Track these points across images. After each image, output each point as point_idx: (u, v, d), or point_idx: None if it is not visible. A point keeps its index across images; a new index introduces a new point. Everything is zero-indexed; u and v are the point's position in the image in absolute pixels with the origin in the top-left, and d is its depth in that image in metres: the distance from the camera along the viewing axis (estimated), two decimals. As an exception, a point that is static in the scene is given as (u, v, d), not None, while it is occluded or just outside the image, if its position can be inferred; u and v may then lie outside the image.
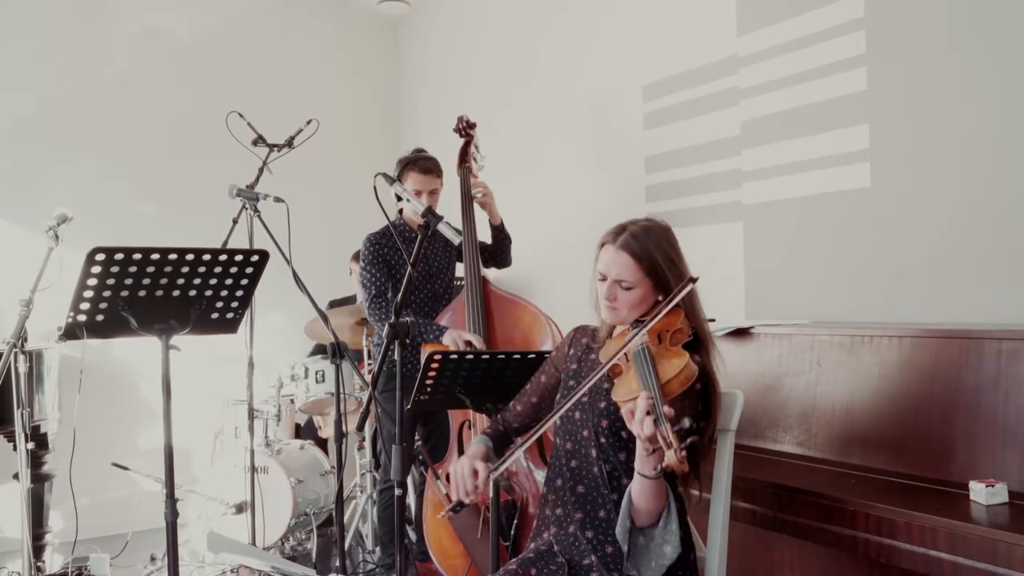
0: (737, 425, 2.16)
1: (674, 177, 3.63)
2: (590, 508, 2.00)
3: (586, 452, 2.02)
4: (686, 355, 1.83)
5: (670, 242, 1.99)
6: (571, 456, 2.06)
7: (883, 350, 2.38)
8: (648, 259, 1.93)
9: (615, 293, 1.96)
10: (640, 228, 1.97)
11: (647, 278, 1.94)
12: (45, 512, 4.02)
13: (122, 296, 2.46)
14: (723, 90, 3.37)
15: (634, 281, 1.94)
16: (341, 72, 5.67)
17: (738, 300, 3.33)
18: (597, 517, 1.99)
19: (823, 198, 3.01)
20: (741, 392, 2.17)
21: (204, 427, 4.78)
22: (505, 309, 3.48)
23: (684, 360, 1.81)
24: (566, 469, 2.06)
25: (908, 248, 2.76)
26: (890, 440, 2.29)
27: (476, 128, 3.56)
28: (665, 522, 1.80)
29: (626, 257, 1.94)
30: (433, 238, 3.54)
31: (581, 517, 2.00)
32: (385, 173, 2.31)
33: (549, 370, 2.24)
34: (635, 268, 1.93)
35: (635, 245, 1.93)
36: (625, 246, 1.94)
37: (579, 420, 2.05)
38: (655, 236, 1.96)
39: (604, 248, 2.00)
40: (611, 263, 1.96)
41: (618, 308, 1.97)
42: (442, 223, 2.19)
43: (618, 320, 2.02)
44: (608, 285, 1.97)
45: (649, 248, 1.93)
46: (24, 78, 4.58)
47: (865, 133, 2.84)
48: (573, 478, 2.04)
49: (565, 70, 4.28)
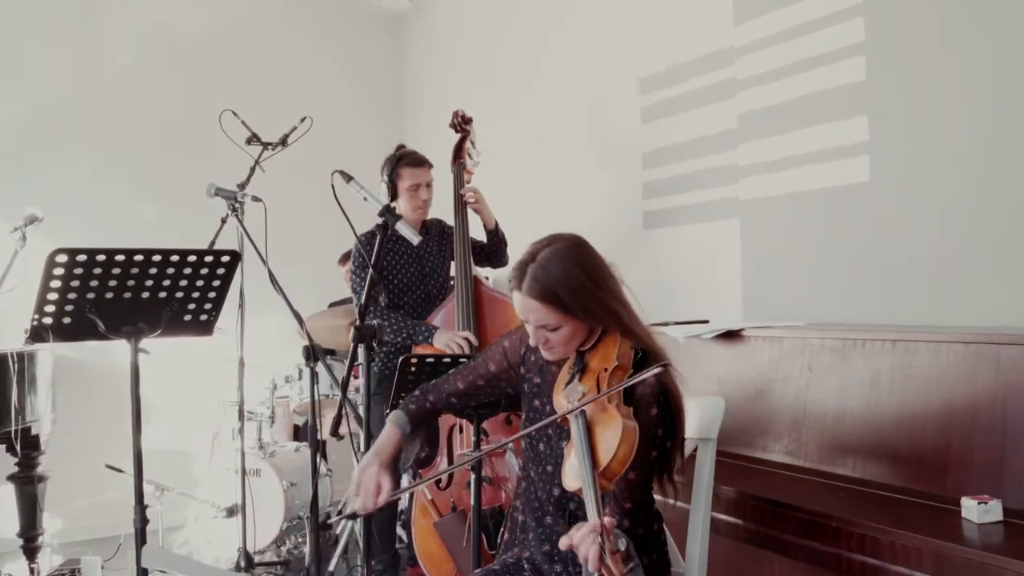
0: (718, 434, 2.04)
1: (671, 173, 3.50)
2: (555, 540, 1.83)
3: (551, 488, 1.88)
4: (620, 420, 1.61)
5: (581, 264, 1.75)
6: (536, 485, 1.94)
7: (876, 355, 2.25)
8: (557, 298, 1.71)
9: (543, 336, 1.77)
10: (540, 265, 1.73)
11: (566, 315, 1.73)
12: (38, 514, 3.98)
13: (88, 298, 2.40)
14: (720, 82, 3.24)
15: (555, 322, 1.74)
16: (343, 70, 5.60)
17: (735, 300, 3.20)
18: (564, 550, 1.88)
19: (821, 193, 2.87)
20: (722, 399, 2.05)
21: (204, 429, 4.73)
22: (496, 309, 3.39)
23: (618, 432, 1.59)
24: (534, 497, 1.94)
25: (907, 246, 2.62)
26: (882, 451, 2.16)
27: (472, 123, 3.46)
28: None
29: (534, 303, 1.73)
30: (426, 236, 3.45)
31: (549, 549, 1.89)
32: (342, 171, 2.22)
33: (500, 360, 2.03)
34: (548, 311, 1.73)
35: (538, 289, 1.72)
36: (530, 291, 1.73)
37: (543, 453, 1.91)
38: (560, 267, 1.72)
39: (513, 294, 1.80)
40: (524, 310, 1.77)
41: (553, 348, 1.79)
42: (400, 223, 2.09)
43: (559, 358, 1.85)
44: (534, 331, 1.78)
45: (554, 287, 1.71)
46: (21, 77, 4.55)
47: (864, 125, 2.70)
48: (541, 508, 1.93)
49: (564, 66, 4.17)
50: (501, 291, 3.51)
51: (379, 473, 1.88)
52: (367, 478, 1.87)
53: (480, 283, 3.37)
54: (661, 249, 3.57)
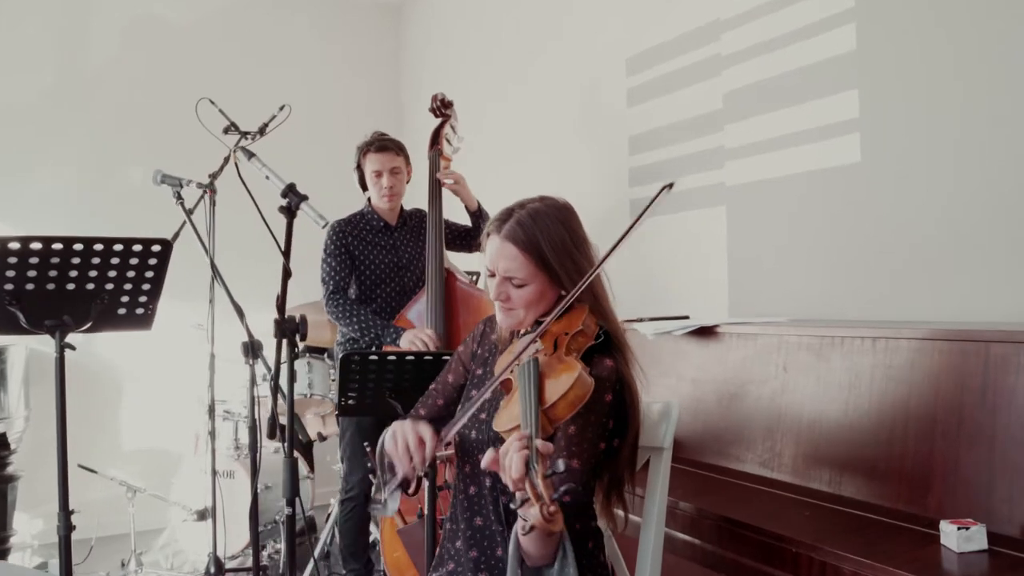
0: (672, 443, 1.81)
1: (657, 158, 3.26)
2: (487, 545, 1.68)
3: (483, 479, 1.69)
4: (578, 367, 1.47)
5: (567, 225, 1.65)
6: (469, 482, 1.74)
7: (855, 354, 1.99)
8: (538, 250, 1.60)
9: (506, 291, 1.65)
10: (528, 213, 1.63)
11: (540, 271, 1.62)
12: (10, 514, 3.87)
13: (6, 290, 2.25)
14: (705, 59, 2.99)
15: (525, 276, 1.62)
16: (340, 59, 5.41)
17: (721, 294, 2.95)
18: (494, 556, 1.67)
19: (810, 176, 2.61)
20: (675, 402, 1.82)
21: (186, 429, 4.59)
22: (470, 304, 3.19)
23: (574, 374, 1.45)
24: (463, 497, 1.74)
25: (901, 232, 2.36)
26: (859, 464, 1.90)
27: (453, 108, 3.27)
28: (561, 564, 1.48)
29: (512, 249, 1.61)
30: (403, 227, 3.27)
31: (476, 556, 1.68)
32: (244, 147, 2.04)
33: (456, 368, 1.90)
34: (524, 261, 1.61)
35: (521, 234, 1.61)
36: (510, 235, 1.62)
37: (475, 441, 1.72)
38: (547, 221, 1.63)
39: (489, 239, 1.67)
40: (497, 257, 1.64)
41: (513, 308, 1.66)
42: (306, 204, 1.89)
43: (516, 323, 1.69)
44: (497, 283, 1.65)
45: (538, 236, 1.61)
46: (3, 66, 4.45)
47: (854, 99, 2.44)
48: (471, 508, 1.72)
49: (554, 50, 3.95)
50: (475, 286, 3.31)
51: (416, 425, 1.60)
52: (405, 431, 1.59)
53: (453, 276, 3.17)
54: (647, 240, 3.33)
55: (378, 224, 3.24)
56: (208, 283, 3.44)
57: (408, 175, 3.25)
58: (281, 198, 1.88)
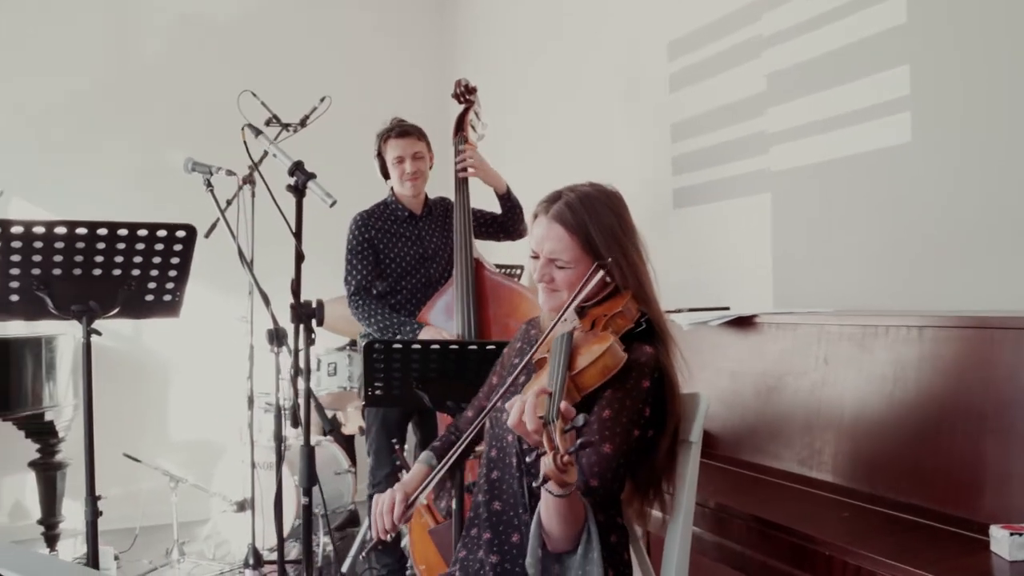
0: (701, 437, 1.71)
1: (699, 145, 3.13)
2: (502, 529, 1.64)
3: (509, 461, 1.65)
4: (611, 339, 1.49)
5: (615, 212, 1.65)
6: (494, 465, 1.71)
7: (900, 344, 1.85)
8: (585, 233, 1.60)
9: (550, 273, 1.64)
10: (578, 196, 1.64)
11: (586, 255, 1.61)
12: (58, 501, 3.94)
13: (34, 275, 2.27)
14: (747, 40, 2.86)
15: (570, 259, 1.61)
16: (385, 48, 5.37)
17: (765, 285, 2.82)
18: (508, 541, 1.62)
19: (857, 159, 2.46)
20: (705, 394, 1.72)
21: (233, 420, 4.62)
22: (501, 295, 3.11)
23: (606, 344, 1.46)
24: (485, 481, 1.71)
25: (956, 216, 2.20)
26: (902, 461, 1.77)
27: (477, 93, 3.19)
28: (584, 549, 1.46)
29: (559, 230, 1.61)
30: (428, 215, 3.20)
31: (490, 538, 1.63)
32: (251, 124, 1.99)
33: (500, 371, 1.90)
34: (570, 243, 1.61)
35: (569, 216, 1.61)
36: (558, 217, 1.62)
37: (504, 425, 1.67)
38: (595, 205, 1.63)
39: (536, 220, 1.67)
40: (543, 238, 1.64)
41: (557, 290, 1.65)
42: (313, 182, 1.83)
43: (558, 304, 1.67)
44: (541, 264, 1.65)
45: (586, 219, 1.60)
46: (53, 63, 4.54)
47: (905, 76, 2.29)
48: (492, 491, 1.68)
49: (595, 39, 3.85)
50: (506, 276, 3.23)
51: (392, 494, 1.70)
52: (380, 500, 1.71)
53: (483, 267, 3.09)
54: (691, 230, 3.21)
55: (402, 214, 3.16)
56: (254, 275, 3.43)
57: (430, 160, 3.17)
58: (288, 176, 1.82)
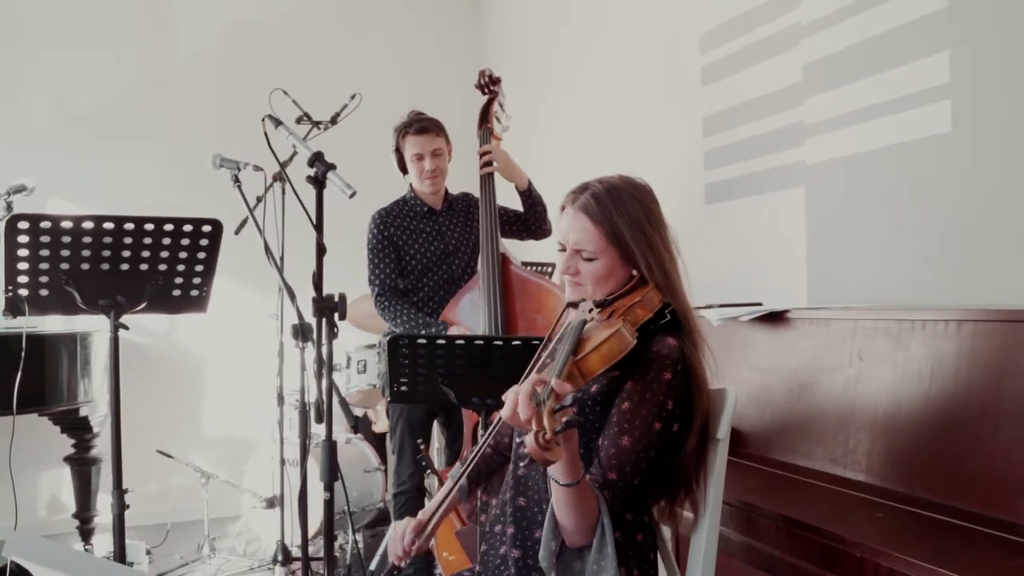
0: (729, 433, 1.66)
1: (732, 139, 3.07)
2: (526, 525, 1.61)
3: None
4: (619, 323, 1.45)
5: (643, 203, 1.62)
6: (521, 459, 1.68)
7: (938, 339, 1.78)
8: (611, 224, 1.58)
9: (575, 265, 1.62)
10: (605, 187, 1.62)
11: (612, 246, 1.59)
12: (93, 496, 3.99)
13: (63, 269, 2.29)
14: (782, 29, 2.79)
15: (596, 250, 1.59)
16: (417, 44, 5.35)
17: (799, 281, 2.74)
18: (531, 537, 1.59)
19: (895, 150, 2.38)
20: (732, 389, 1.67)
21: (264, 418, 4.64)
22: (528, 291, 3.07)
23: (613, 328, 1.42)
24: (512, 476, 1.69)
25: (997, 207, 2.11)
26: (940, 461, 1.69)
27: (501, 84, 3.15)
28: (599, 544, 1.43)
29: (585, 221, 1.60)
30: (449, 210, 3.17)
31: (513, 533, 1.61)
32: (271, 115, 1.98)
33: None
34: (596, 234, 1.59)
35: (595, 206, 1.59)
36: (584, 207, 1.60)
37: None
38: (623, 196, 1.60)
39: (563, 212, 1.66)
40: (569, 229, 1.63)
41: (582, 283, 1.62)
42: (333, 173, 1.81)
43: (580, 298, 1.64)
44: (567, 257, 1.63)
45: (612, 211, 1.58)
46: (93, 64, 4.61)
47: (944, 63, 2.20)
48: (517, 486, 1.66)
49: (626, 31, 3.79)
50: (533, 272, 3.19)
51: (408, 522, 1.74)
52: (400, 526, 1.76)
53: (509, 262, 3.05)
54: (723, 225, 3.14)
55: (421, 209, 3.13)
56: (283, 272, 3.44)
57: (449, 154, 3.13)
58: (308, 167, 1.81)
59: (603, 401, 1.53)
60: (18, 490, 3.90)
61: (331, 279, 2.23)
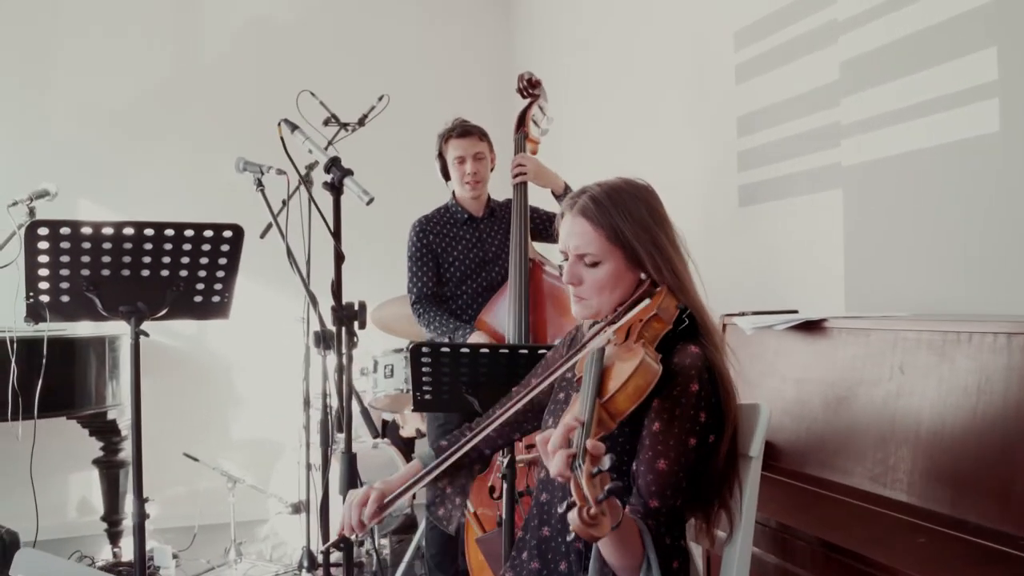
0: (762, 451, 1.58)
1: (767, 139, 2.97)
2: (551, 558, 1.54)
3: (556, 483, 1.54)
4: (641, 352, 1.34)
5: (646, 202, 1.54)
6: (543, 487, 1.62)
7: (985, 352, 1.67)
8: (612, 224, 1.50)
9: (579, 273, 1.54)
10: (603, 189, 1.55)
11: (615, 248, 1.51)
12: (120, 499, 4.00)
13: (83, 275, 2.28)
14: (820, 26, 2.68)
15: (599, 252, 1.51)
16: (447, 45, 5.30)
17: (836, 287, 2.63)
18: (557, 571, 1.52)
19: (938, 151, 2.27)
20: (766, 406, 1.59)
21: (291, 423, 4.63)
22: (559, 298, 3.01)
23: (636, 361, 1.32)
24: (535, 504, 1.62)
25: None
26: (988, 482, 1.59)
27: (542, 87, 3.10)
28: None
29: (584, 224, 1.52)
30: (490, 217, 3.13)
31: (538, 568, 1.54)
32: (287, 119, 1.93)
33: (540, 372, 1.79)
34: (596, 236, 1.51)
35: (593, 208, 1.52)
36: (582, 211, 1.53)
37: None
38: (622, 196, 1.53)
39: (563, 219, 1.59)
40: (568, 234, 1.55)
41: (586, 297, 1.54)
42: (350, 179, 1.76)
43: (591, 313, 1.57)
44: (569, 264, 1.56)
45: (611, 211, 1.51)
46: (119, 66, 4.62)
47: (992, 59, 2.09)
48: (539, 516, 1.59)
49: (659, 30, 3.70)
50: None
51: (369, 489, 1.63)
52: (356, 493, 1.64)
53: (540, 268, 2.99)
54: (757, 229, 3.04)
55: (461, 216, 3.10)
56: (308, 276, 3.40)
57: (492, 162, 3.10)
58: (324, 173, 1.76)
59: (631, 422, 1.45)
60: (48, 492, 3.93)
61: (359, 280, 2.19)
